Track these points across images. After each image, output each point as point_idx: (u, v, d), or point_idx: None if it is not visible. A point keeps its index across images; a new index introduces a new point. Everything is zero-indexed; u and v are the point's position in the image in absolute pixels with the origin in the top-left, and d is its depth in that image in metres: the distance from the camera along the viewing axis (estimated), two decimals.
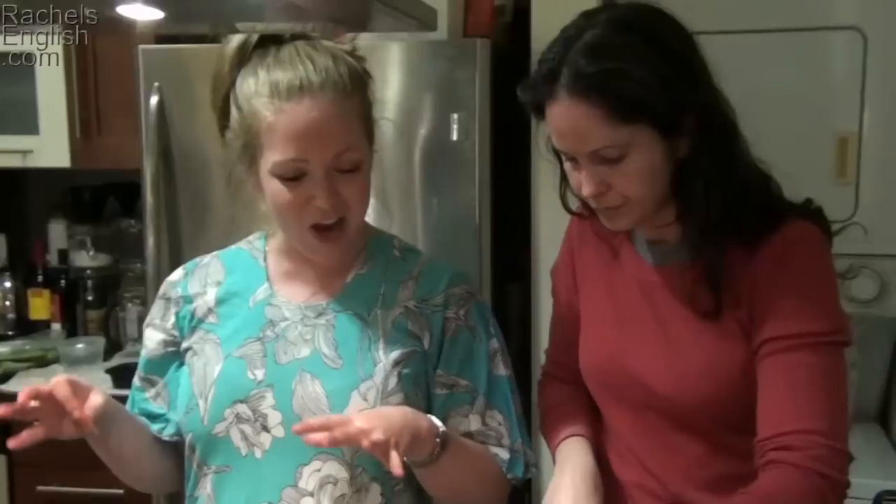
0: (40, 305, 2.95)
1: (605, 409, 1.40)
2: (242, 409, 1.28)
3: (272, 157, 1.22)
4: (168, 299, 1.40)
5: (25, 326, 2.97)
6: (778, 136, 2.17)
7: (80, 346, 2.74)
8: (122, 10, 0.97)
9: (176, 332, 1.38)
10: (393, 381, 1.27)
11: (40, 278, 2.96)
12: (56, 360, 2.72)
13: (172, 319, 1.38)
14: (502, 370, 1.34)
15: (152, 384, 1.40)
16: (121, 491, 2.33)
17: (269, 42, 1.23)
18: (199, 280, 1.39)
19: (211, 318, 1.35)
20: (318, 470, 1.25)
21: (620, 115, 1.17)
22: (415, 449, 1.18)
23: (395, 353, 1.28)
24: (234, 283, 1.37)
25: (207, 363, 1.32)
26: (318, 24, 1.02)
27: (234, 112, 1.26)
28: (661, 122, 1.19)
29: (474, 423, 1.31)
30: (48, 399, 1.17)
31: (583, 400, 1.43)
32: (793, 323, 1.20)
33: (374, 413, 1.19)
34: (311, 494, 1.25)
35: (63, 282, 2.95)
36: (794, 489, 1.15)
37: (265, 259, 1.38)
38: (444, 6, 2.25)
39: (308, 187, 1.22)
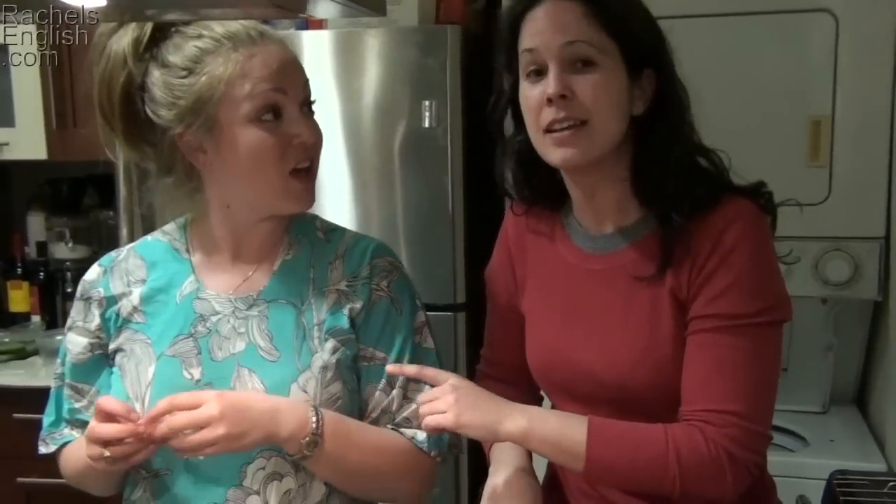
0: (19, 298, 2.96)
1: (556, 405, 1.39)
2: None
3: (246, 101, 1.21)
4: (89, 300, 1.34)
5: (5, 319, 2.98)
6: (751, 119, 2.19)
7: (59, 338, 2.70)
8: None
9: (102, 334, 1.33)
10: (331, 371, 1.25)
11: (19, 271, 2.96)
12: (35, 353, 2.72)
13: (97, 321, 1.32)
14: (430, 343, 1.32)
15: (81, 393, 1.34)
16: None
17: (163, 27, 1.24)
18: (121, 279, 1.33)
19: (137, 318, 1.31)
20: (263, 468, 1.23)
21: (603, 21, 1.21)
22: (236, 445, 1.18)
23: (332, 342, 1.27)
24: (157, 278, 1.32)
25: (139, 364, 1.28)
26: (258, 9, 1.01)
27: (169, 88, 1.23)
28: (629, 53, 1.23)
29: (396, 402, 1.28)
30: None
31: (518, 399, 1.43)
32: (722, 302, 1.20)
33: (229, 406, 1.17)
34: (258, 493, 1.23)
35: (42, 274, 2.94)
36: (699, 457, 1.17)
37: (188, 250, 1.34)
38: None
39: (287, 127, 1.23)
